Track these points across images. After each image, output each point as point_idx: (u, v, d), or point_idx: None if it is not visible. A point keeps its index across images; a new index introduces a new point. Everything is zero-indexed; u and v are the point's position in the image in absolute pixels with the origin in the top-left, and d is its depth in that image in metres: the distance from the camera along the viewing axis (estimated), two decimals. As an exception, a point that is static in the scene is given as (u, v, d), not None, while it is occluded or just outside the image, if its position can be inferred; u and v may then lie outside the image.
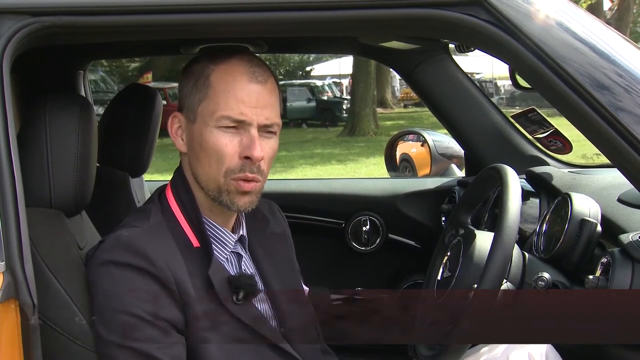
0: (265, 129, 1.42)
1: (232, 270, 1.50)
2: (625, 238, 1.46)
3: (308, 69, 32.62)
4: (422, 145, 3.30)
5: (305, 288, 1.68)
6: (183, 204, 1.46)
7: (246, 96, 1.40)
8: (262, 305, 1.52)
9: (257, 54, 1.75)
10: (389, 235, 2.74)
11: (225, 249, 1.49)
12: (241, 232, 1.54)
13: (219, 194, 1.43)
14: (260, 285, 1.50)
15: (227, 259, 1.49)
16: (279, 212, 1.71)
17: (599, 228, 1.62)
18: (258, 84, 1.41)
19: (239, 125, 1.40)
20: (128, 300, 1.32)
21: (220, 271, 1.44)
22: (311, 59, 32.82)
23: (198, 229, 1.44)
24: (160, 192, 1.50)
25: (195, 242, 1.44)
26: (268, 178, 1.47)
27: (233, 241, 1.50)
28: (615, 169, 1.39)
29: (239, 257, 1.53)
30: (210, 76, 1.42)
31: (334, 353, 1.69)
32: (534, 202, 2.12)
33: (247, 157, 1.39)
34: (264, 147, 1.41)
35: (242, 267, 1.52)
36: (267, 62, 1.49)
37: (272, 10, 1.33)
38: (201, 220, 1.45)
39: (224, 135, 1.40)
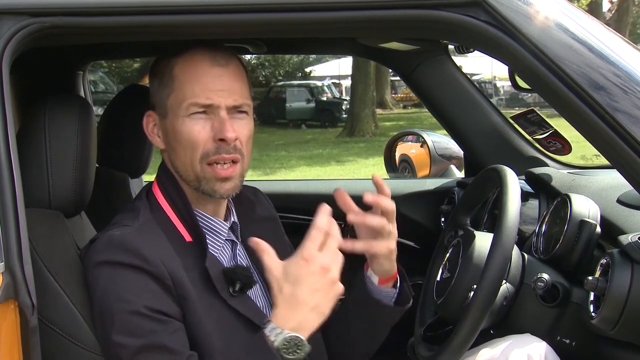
0: (235, 110, 1.44)
1: (227, 259, 1.51)
2: (625, 239, 1.46)
3: (308, 69, 32.63)
4: (421, 146, 3.30)
5: None
6: (172, 200, 1.47)
7: (210, 80, 1.42)
8: (258, 295, 1.52)
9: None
10: (388, 236, 2.73)
11: (218, 238, 1.50)
12: (233, 219, 1.55)
13: (198, 183, 1.44)
14: (255, 274, 1.50)
15: (221, 248, 1.50)
16: (263, 196, 1.73)
17: (598, 229, 1.63)
18: (220, 67, 1.43)
19: (208, 110, 1.42)
20: (126, 297, 1.33)
21: (216, 263, 1.45)
22: (311, 59, 32.84)
23: (189, 223, 1.45)
24: (147, 190, 1.51)
25: (187, 237, 1.44)
26: (267, 179, 1.48)
27: (226, 229, 1.51)
28: (615, 170, 1.39)
29: (233, 244, 1.54)
30: (174, 69, 1.45)
31: None
32: (533, 203, 2.12)
33: (221, 140, 1.41)
34: (237, 128, 1.43)
35: (237, 255, 1.54)
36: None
37: (271, 12, 1.33)
38: (192, 213, 1.46)
39: (196, 122, 1.42)
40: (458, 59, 2.63)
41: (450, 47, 2.47)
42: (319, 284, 1.26)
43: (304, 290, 1.26)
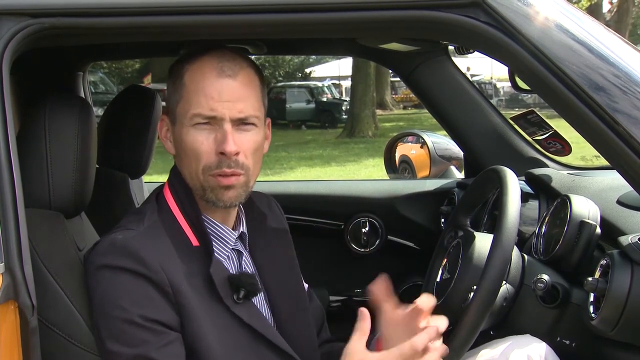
0: (240, 122, 1.42)
1: (232, 268, 1.50)
2: (625, 240, 1.46)
3: (308, 70, 32.64)
4: (421, 147, 3.30)
5: (305, 285, 1.67)
6: (182, 203, 1.46)
7: (215, 91, 1.40)
8: (261, 303, 1.52)
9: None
10: (388, 237, 2.74)
11: (225, 246, 1.49)
12: (241, 229, 1.54)
13: (203, 191, 1.43)
14: (260, 283, 1.50)
15: (227, 256, 1.50)
16: (277, 207, 1.71)
17: (598, 230, 1.63)
18: (227, 77, 1.41)
19: (212, 122, 1.41)
20: (122, 305, 1.32)
21: (221, 270, 1.44)
22: (311, 60, 32.86)
23: (197, 227, 1.45)
24: (158, 192, 1.51)
25: (194, 241, 1.44)
26: (268, 179, 1.47)
27: (233, 238, 1.51)
28: (615, 171, 1.39)
29: (239, 254, 1.53)
30: (184, 76, 1.44)
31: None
32: (533, 204, 2.12)
33: (222, 153, 1.40)
34: (240, 141, 1.41)
35: (243, 264, 1.53)
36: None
37: (271, 12, 1.33)
38: (200, 219, 1.45)
39: (200, 133, 1.41)
40: (459, 60, 2.63)
41: (450, 47, 2.48)
42: None
43: None
